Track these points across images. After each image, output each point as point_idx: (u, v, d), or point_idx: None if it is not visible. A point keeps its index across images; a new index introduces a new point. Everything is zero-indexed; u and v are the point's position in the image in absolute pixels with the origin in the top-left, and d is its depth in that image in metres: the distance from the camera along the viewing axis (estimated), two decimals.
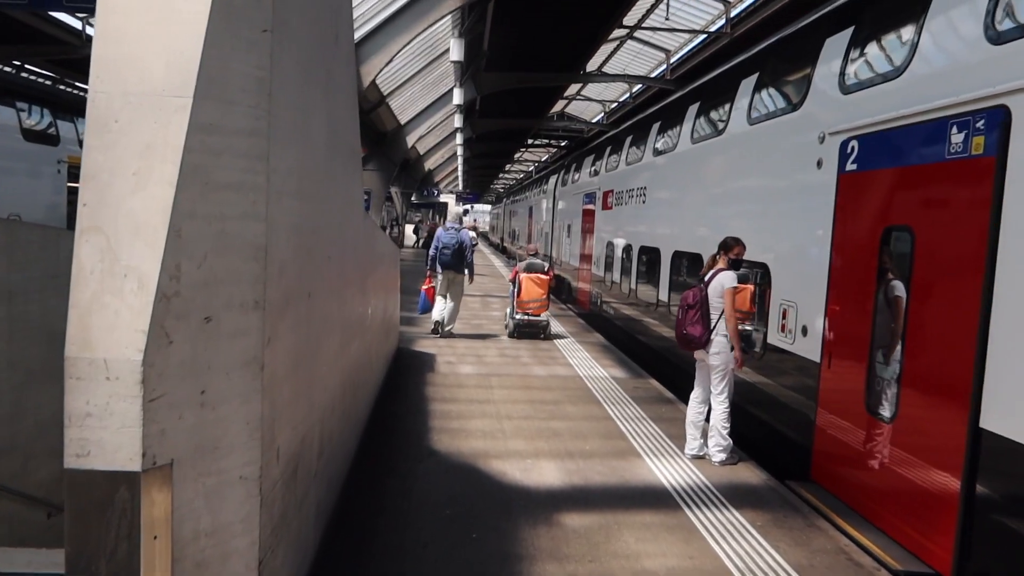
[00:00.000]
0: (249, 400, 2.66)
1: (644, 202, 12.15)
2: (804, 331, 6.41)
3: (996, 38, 4.42)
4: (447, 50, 22.77)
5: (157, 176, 2.33)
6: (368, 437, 6.35)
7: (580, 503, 5.21)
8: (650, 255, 11.83)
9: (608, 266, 14.65)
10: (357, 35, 16.81)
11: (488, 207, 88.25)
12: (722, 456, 6.25)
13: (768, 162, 7.55)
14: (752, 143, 7.98)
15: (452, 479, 5.56)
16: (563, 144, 50.49)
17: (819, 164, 6.31)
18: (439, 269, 11.95)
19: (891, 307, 5.08)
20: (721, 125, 8.94)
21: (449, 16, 20.61)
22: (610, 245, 14.56)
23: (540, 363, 10.35)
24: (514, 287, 12.75)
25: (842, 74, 6.20)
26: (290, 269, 3.05)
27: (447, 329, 12.21)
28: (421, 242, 28.08)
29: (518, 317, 12.65)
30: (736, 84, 8.62)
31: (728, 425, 6.27)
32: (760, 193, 7.73)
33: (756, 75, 8.15)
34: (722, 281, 6.21)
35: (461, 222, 12.69)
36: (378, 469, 5.64)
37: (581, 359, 10.81)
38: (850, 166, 5.61)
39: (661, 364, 10.74)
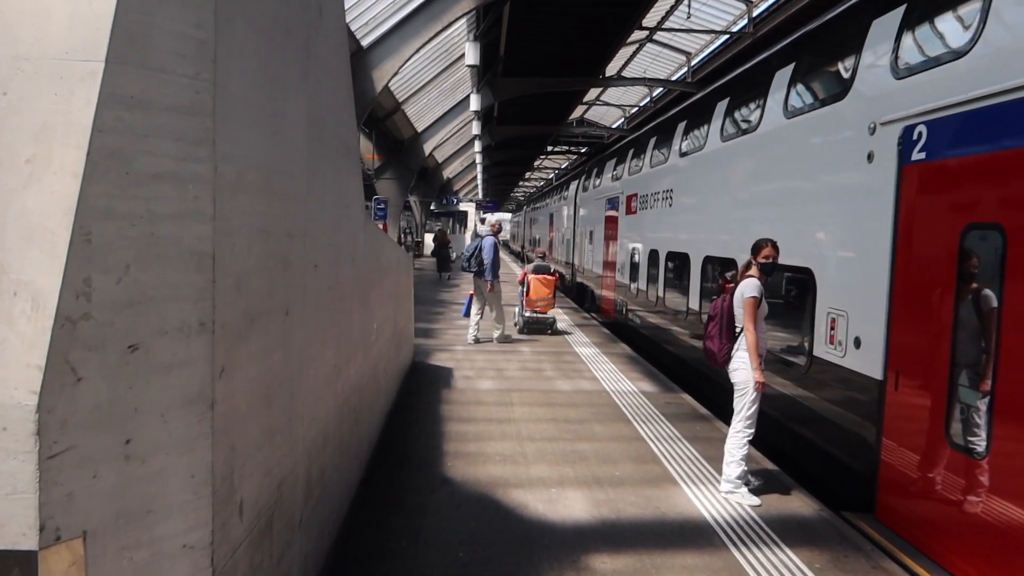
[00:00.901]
0: (194, 448, 2.10)
1: (670, 205, 11.51)
2: (857, 343, 5.75)
3: None
4: (463, 55, 22.35)
5: (57, 164, 1.79)
6: (374, 466, 5.78)
7: (611, 542, 4.60)
8: (678, 261, 11.19)
9: (633, 273, 14.02)
10: (368, 39, 16.39)
11: (508, 215, 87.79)
12: (728, 487, 5.56)
13: (809, 158, 6.91)
14: (789, 138, 7.34)
15: (467, 514, 4.97)
16: (583, 151, 49.90)
17: (869, 157, 5.67)
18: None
19: (979, 319, 4.39)
20: (754, 121, 8.31)
21: (464, 19, 20.18)
22: (635, 251, 13.93)
23: (564, 377, 9.74)
24: (523, 287, 13.84)
25: (895, 57, 5.56)
26: (254, 281, 2.49)
27: (496, 336, 12.29)
28: (431, 251, 27.69)
29: (527, 314, 13.67)
30: (769, 77, 7.98)
31: (741, 455, 5.51)
32: (800, 192, 7.09)
33: (792, 66, 7.51)
34: (743, 289, 5.52)
35: (493, 231, 12.90)
36: (383, 504, 5.06)
37: (607, 372, 10.19)
38: (917, 155, 4.92)
39: (693, 377, 10.09)
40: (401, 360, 8.47)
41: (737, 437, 5.52)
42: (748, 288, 5.47)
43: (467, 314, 13.02)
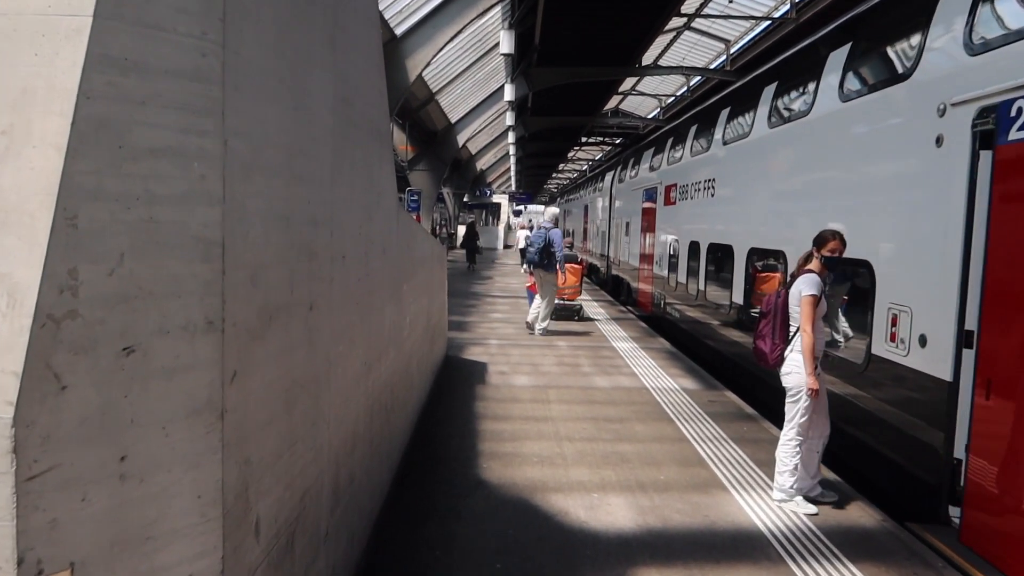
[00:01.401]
0: (200, 463, 1.84)
1: (712, 196, 11.10)
2: (923, 341, 5.34)
3: None
4: (496, 44, 22.03)
5: (38, 136, 1.53)
6: (406, 466, 5.53)
7: (659, 554, 4.28)
8: (721, 253, 10.78)
9: (672, 266, 13.61)
10: (402, 28, 16.15)
11: (541, 207, 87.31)
12: (780, 496, 5.17)
13: (867, 143, 6.49)
14: (845, 123, 6.92)
15: (504, 520, 4.69)
16: (618, 141, 49.28)
17: (939, 141, 5.25)
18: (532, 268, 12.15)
19: None
20: (805, 106, 7.87)
21: (499, 7, 19.85)
22: (673, 243, 13.52)
23: (602, 372, 9.42)
24: None
25: (970, 31, 5.12)
26: (272, 273, 2.23)
27: (539, 329, 12.18)
28: (460, 243, 27.58)
29: (556, 302, 13.30)
30: (822, 59, 7.55)
31: (793, 463, 5.10)
32: (856, 180, 6.66)
33: (847, 46, 7.07)
34: (800, 286, 5.06)
35: (557, 223, 12.56)
36: (416, 508, 4.81)
37: (646, 368, 9.84)
38: (1016, 134, 4.43)
39: (737, 374, 9.70)
40: (435, 355, 8.23)
41: (789, 445, 5.14)
42: (806, 284, 5.03)
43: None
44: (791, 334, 5.15)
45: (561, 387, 8.51)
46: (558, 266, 11.86)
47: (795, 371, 5.07)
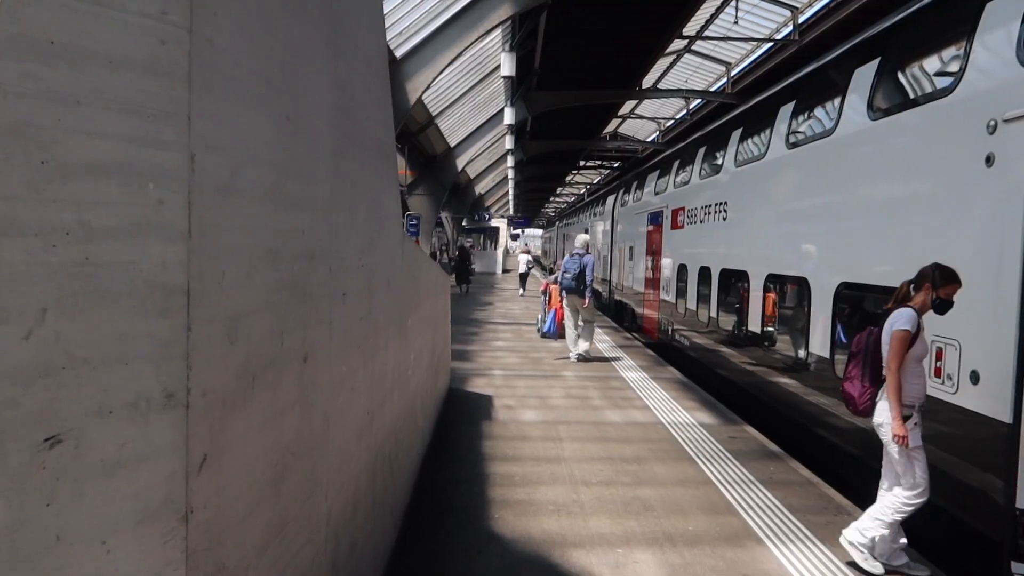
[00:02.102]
0: None
1: (724, 219, 10.70)
2: (974, 378, 4.90)
3: None
4: (497, 67, 21.79)
5: None
6: (411, 518, 5.04)
7: None
8: (734, 279, 10.36)
9: (680, 292, 13.18)
10: (402, 50, 15.86)
11: (539, 231, 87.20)
12: (855, 537, 4.55)
13: (900, 163, 6.09)
14: (875, 142, 6.53)
15: None
16: (616, 165, 49.16)
17: (988, 160, 4.85)
18: (564, 294, 12.42)
19: None
20: (829, 124, 7.49)
21: (499, 31, 19.61)
22: (682, 268, 13.10)
23: (613, 405, 8.94)
24: (546, 295, 15.92)
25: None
26: (257, 323, 1.78)
27: (580, 353, 12.21)
28: (451, 266, 27.56)
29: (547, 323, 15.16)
30: (847, 75, 7.18)
31: (894, 519, 4.44)
32: (889, 202, 6.25)
33: (876, 61, 6.70)
34: (893, 320, 4.51)
35: (587, 248, 12.52)
36: (424, 571, 4.32)
37: (659, 400, 9.37)
38: None
39: (753, 405, 9.24)
40: (439, 389, 7.76)
41: (899, 502, 4.45)
42: (900, 319, 4.44)
43: (549, 332, 13.91)
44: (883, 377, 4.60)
45: (572, 423, 8.03)
46: (587, 292, 12.01)
47: (888, 421, 4.46)
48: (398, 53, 15.80)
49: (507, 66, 17.88)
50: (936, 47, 5.91)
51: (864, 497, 6.33)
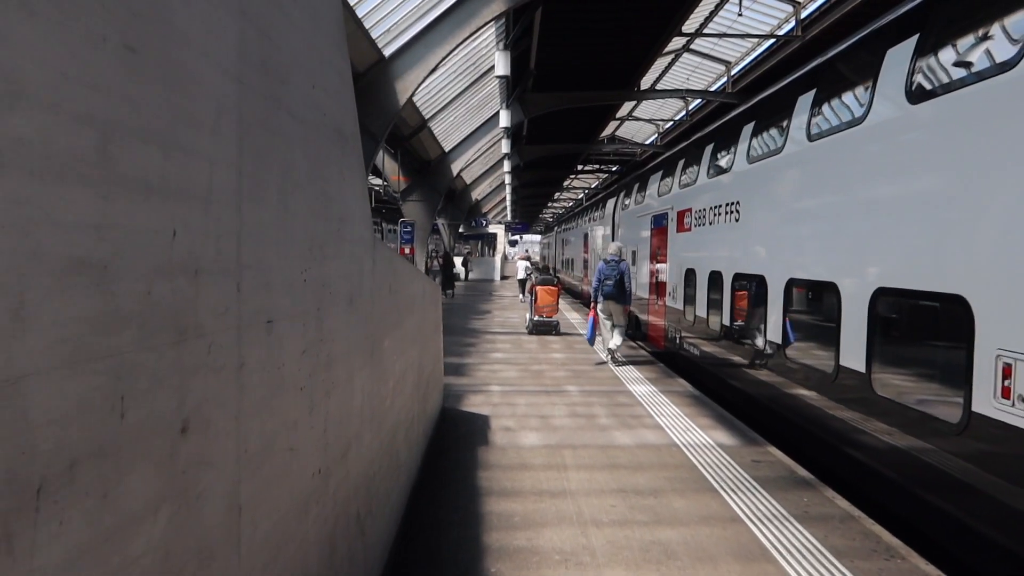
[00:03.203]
0: None
1: (737, 220, 9.94)
2: None
3: None
4: (491, 69, 21.09)
5: None
6: (394, 573, 4.26)
7: None
8: (749, 284, 9.60)
9: (689, 298, 12.41)
10: (391, 48, 15.13)
11: (538, 237, 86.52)
12: None
13: (951, 151, 5.33)
14: (916, 129, 5.78)
15: None
16: (614, 169, 48.47)
17: None
18: (601, 300, 12.79)
19: None
20: (857, 112, 6.74)
21: (493, 29, 18.91)
22: (690, 273, 12.34)
23: (622, 425, 8.16)
24: (532, 296, 17.10)
25: None
26: (53, 389, 1.00)
27: (614, 349, 12.70)
28: (436, 271, 27.13)
29: (536, 319, 16.83)
30: (877, 57, 6.43)
31: None
32: (940, 197, 5.49)
33: (912, 40, 5.96)
34: None
35: (621, 254, 12.96)
36: None
37: (671, 417, 8.59)
38: None
39: (774, 421, 8.47)
40: (429, 412, 6.97)
41: None
42: None
43: (591, 339, 13.63)
44: None
45: (577, 447, 7.24)
46: (627, 299, 12.66)
47: None
48: (387, 51, 15.09)
49: (501, 65, 17.14)
50: (988, 18, 5.16)
51: (912, 533, 5.57)
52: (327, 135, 2.60)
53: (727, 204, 10.31)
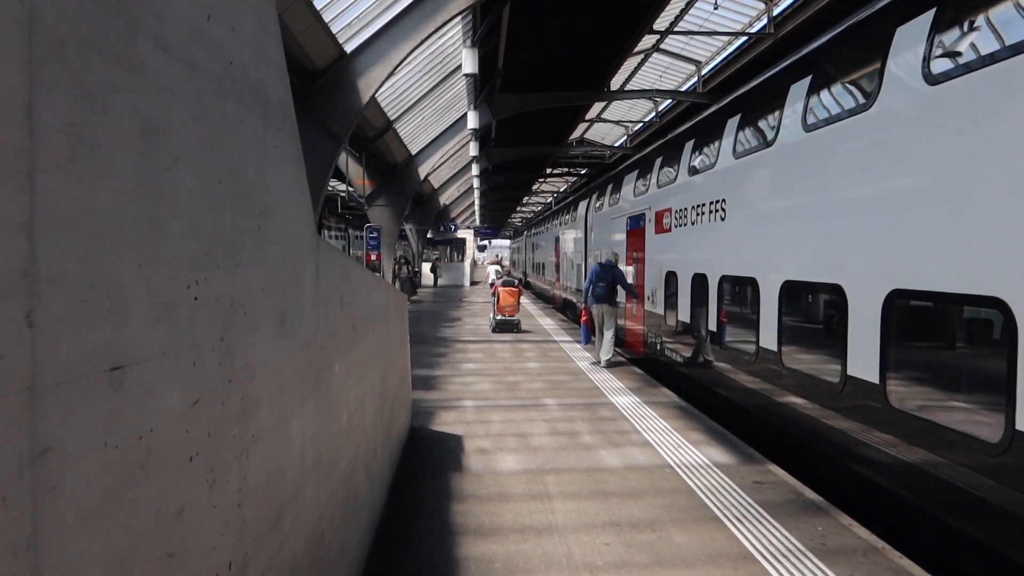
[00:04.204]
0: None
1: (722, 219, 9.35)
2: None
3: None
4: (457, 68, 20.39)
5: None
6: None
7: None
8: (738, 288, 9.01)
9: (670, 302, 11.81)
10: (352, 44, 14.35)
11: (507, 242, 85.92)
12: None
13: (985, 135, 4.75)
14: (934, 113, 5.20)
15: None
16: (583, 172, 48.01)
17: None
18: (592, 302, 12.80)
19: None
20: (864, 98, 6.16)
21: (460, 26, 18.22)
22: (670, 276, 11.74)
23: (608, 443, 7.49)
24: (495, 297, 18.24)
25: None
26: None
27: (603, 359, 12.62)
28: (393, 276, 26.18)
29: (498, 318, 17.98)
30: (886, 35, 5.86)
31: None
32: (963, 186, 4.90)
33: (929, 14, 5.38)
34: None
35: (617, 259, 13.13)
36: None
37: (659, 432, 7.94)
38: None
39: (767, 433, 7.86)
40: (395, 436, 6.23)
41: None
42: None
43: (587, 342, 13.91)
44: None
45: (561, 470, 6.54)
46: (619, 302, 12.94)
47: None
48: (348, 47, 14.30)
49: (469, 63, 16.43)
50: None
51: (944, 566, 4.96)
52: (237, 94, 1.87)
53: (712, 203, 9.72)
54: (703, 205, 10.11)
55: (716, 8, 18.56)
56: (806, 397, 7.04)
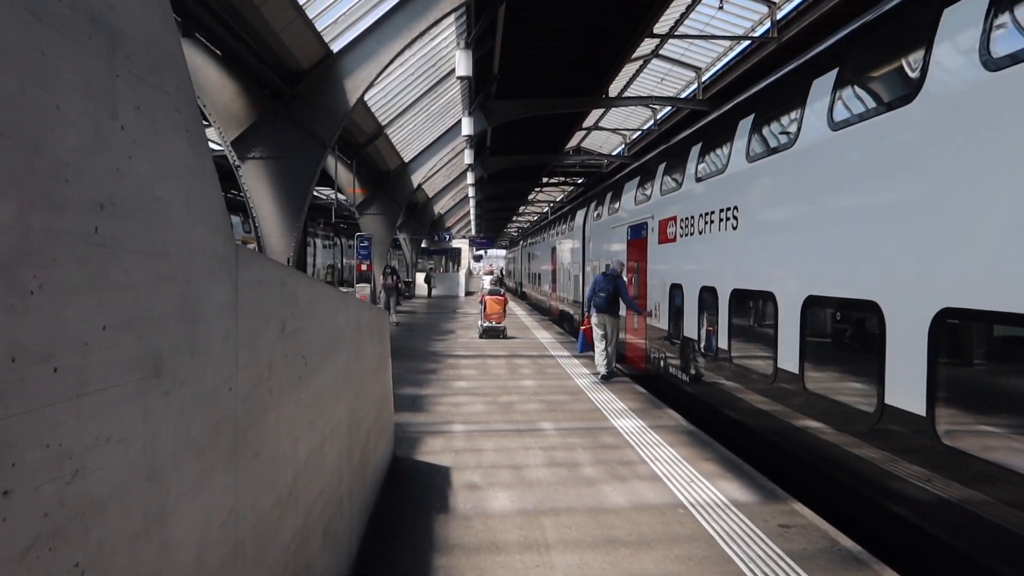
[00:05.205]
0: None
1: (735, 228, 8.61)
2: None
3: None
4: (452, 71, 19.67)
5: None
6: None
7: None
8: (753, 302, 8.27)
9: (675, 316, 11.06)
10: (339, 43, 13.64)
11: (503, 252, 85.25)
12: None
13: None
14: (1000, 103, 4.47)
15: None
16: (580, 181, 47.33)
17: None
18: (595, 312, 12.42)
19: None
20: (906, 89, 5.44)
21: (453, 27, 17.53)
22: (676, 289, 10.99)
23: (612, 476, 6.72)
24: (483, 306, 19.37)
25: None
26: None
27: (603, 373, 12.33)
28: (380, 290, 24.06)
29: (485, 325, 19.10)
30: (933, 16, 5.13)
31: None
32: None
33: None
34: None
35: (622, 268, 12.87)
36: None
37: (668, 463, 7.17)
38: None
39: (787, 464, 7.11)
40: (371, 475, 5.45)
41: None
42: None
43: (583, 350, 13.52)
44: None
45: (560, 511, 5.77)
46: (620, 311, 12.57)
47: None
48: (335, 46, 13.59)
49: (463, 65, 15.72)
50: None
51: None
52: (53, 19, 1.12)
53: (723, 211, 8.98)
54: (711, 213, 9.38)
55: (721, 8, 17.73)
56: (831, 425, 6.30)
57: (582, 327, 13.52)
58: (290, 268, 2.83)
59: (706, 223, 9.64)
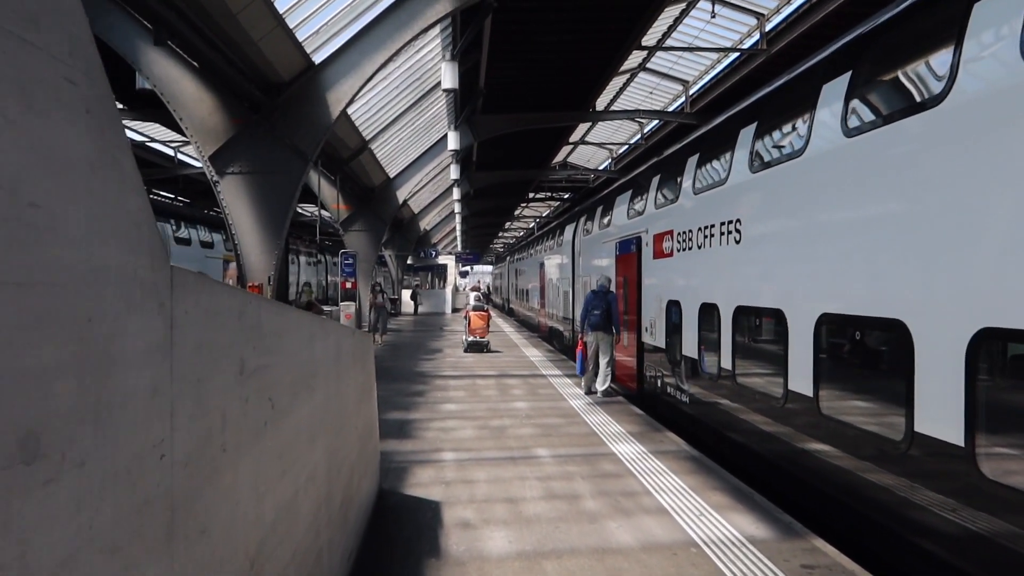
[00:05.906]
0: None
1: (738, 241, 8.19)
2: None
3: None
4: (437, 84, 19.25)
5: None
6: None
7: None
8: (759, 321, 7.84)
9: (672, 334, 10.61)
10: (321, 55, 13.19)
11: (489, 268, 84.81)
12: None
13: None
14: None
15: None
16: (567, 196, 47.01)
17: None
18: (588, 331, 12.28)
19: None
20: (934, 89, 5.04)
21: (439, 40, 17.15)
22: (672, 306, 10.56)
23: (616, 509, 6.22)
24: (467, 320, 20.16)
25: None
26: None
27: (600, 391, 12.28)
28: (375, 313, 23.56)
29: (469, 339, 19.90)
30: (959, 12, 4.75)
31: None
32: None
33: None
34: None
35: (610, 283, 12.65)
36: None
37: (675, 493, 6.69)
38: None
39: (803, 494, 6.64)
40: (354, 518, 4.92)
41: None
42: None
43: (582, 372, 12.81)
44: None
45: (562, 553, 5.26)
46: (616, 329, 12.38)
47: None
48: (316, 57, 13.15)
49: (448, 77, 15.29)
50: None
51: None
52: None
53: (724, 223, 8.56)
54: (711, 227, 8.97)
55: (713, 17, 17.43)
56: (850, 452, 5.85)
57: (577, 348, 13.12)
58: (249, 293, 2.34)
59: (705, 237, 9.22)
